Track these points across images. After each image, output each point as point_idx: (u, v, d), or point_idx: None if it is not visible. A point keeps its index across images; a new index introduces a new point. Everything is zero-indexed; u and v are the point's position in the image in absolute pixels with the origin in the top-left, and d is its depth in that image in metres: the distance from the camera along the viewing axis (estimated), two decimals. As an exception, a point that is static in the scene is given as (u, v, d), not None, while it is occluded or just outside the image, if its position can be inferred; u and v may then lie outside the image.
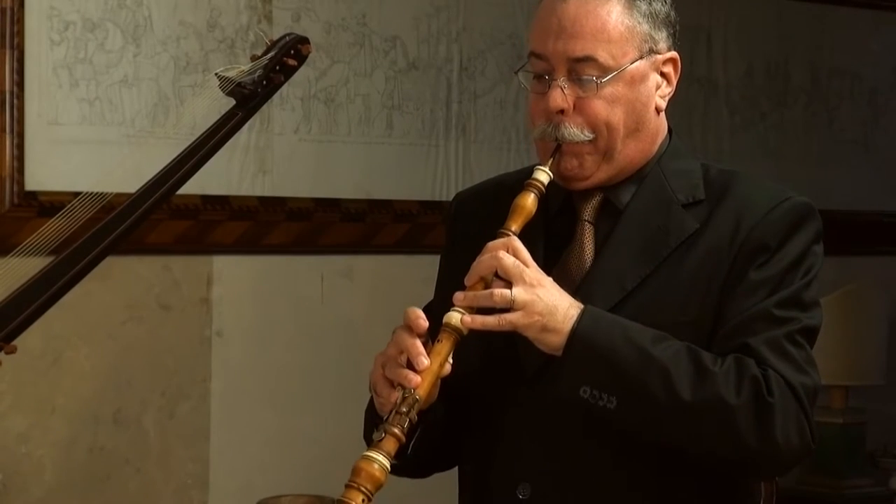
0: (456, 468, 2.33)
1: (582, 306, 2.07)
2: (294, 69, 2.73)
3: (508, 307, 2.05)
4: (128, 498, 3.71)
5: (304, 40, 2.74)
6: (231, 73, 2.71)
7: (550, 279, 2.08)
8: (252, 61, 2.74)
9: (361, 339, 3.97)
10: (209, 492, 3.82)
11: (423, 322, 2.06)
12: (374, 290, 4.06)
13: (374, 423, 2.15)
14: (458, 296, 2.07)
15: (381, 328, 3.92)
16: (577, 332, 2.05)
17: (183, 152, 2.70)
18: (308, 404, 3.96)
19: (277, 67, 2.71)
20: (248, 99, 2.69)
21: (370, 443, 2.17)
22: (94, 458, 3.66)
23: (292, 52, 2.72)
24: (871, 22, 5.03)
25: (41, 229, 2.65)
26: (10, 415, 3.56)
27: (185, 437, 3.78)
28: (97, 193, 2.68)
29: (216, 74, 2.71)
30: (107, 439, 3.68)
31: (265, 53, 2.72)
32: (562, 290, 2.08)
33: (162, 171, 2.69)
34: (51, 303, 2.65)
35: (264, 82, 2.70)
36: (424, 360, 2.04)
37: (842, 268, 4.70)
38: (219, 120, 2.75)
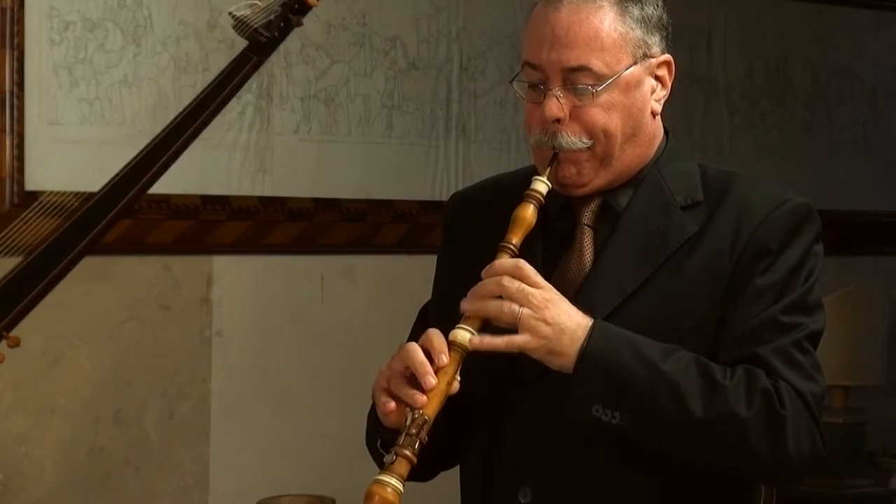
0: (457, 469, 2.32)
1: (591, 322, 2.06)
2: (311, 7, 2.59)
3: (515, 323, 2.04)
4: (128, 498, 3.70)
5: None
6: (246, 12, 2.57)
7: (559, 297, 2.07)
8: None
9: (361, 339, 3.97)
10: (209, 492, 3.82)
11: (446, 359, 2.03)
12: (374, 290, 4.06)
13: (375, 429, 2.15)
14: (466, 304, 2.06)
15: (381, 328, 3.96)
16: (588, 351, 2.04)
17: (198, 97, 2.60)
18: (308, 404, 3.96)
19: (296, 6, 2.58)
20: (264, 44, 2.57)
21: (373, 451, 2.17)
22: (94, 458, 3.66)
23: None
24: (871, 22, 5.03)
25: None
26: (10, 415, 3.56)
27: (185, 437, 3.78)
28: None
29: (230, 14, 2.59)
30: (107, 439, 3.68)
31: None
32: (571, 308, 2.07)
33: (179, 116, 2.60)
34: (62, 275, 2.58)
35: (282, 24, 2.57)
36: (432, 380, 2.02)
37: (842, 268, 4.70)
38: (232, 64, 2.63)
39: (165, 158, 2.58)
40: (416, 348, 2.04)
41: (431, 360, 2.04)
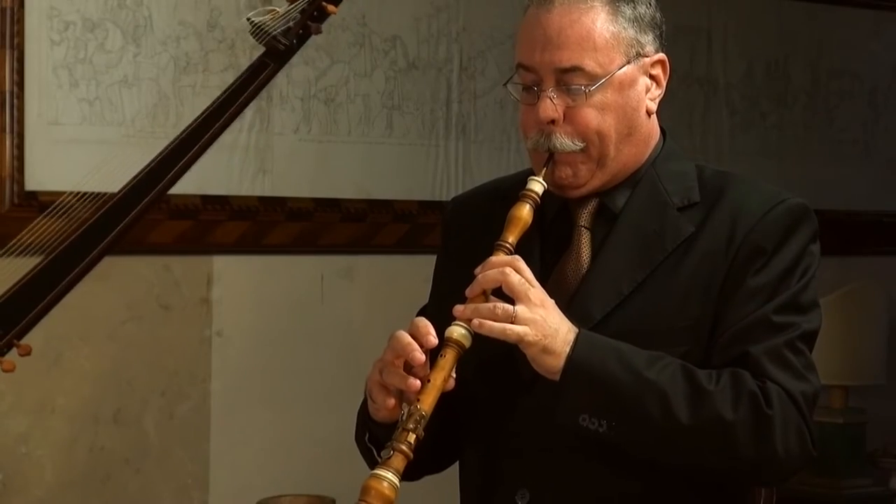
0: (453, 471, 2.32)
1: (577, 331, 2.07)
2: (329, 15, 2.57)
3: (510, 322, 2.04)
4: (128, 498, 3.71)
5: None
6: (264, 18, 2.55)
7: (552, 301, 2.08)
8: (288, 1, 2.59)
9: (361, 340, 3.97)
10: (209, 492, 3.82)
11: (434, 339, 2.04)
12: (374, 290, 4.06)
13: (365, 426, 2.16)
14: (459, 308, 2.06)
15: (381, 328, 3.92)
16: (574, 359, 2.04)
17: (214, 104, 2.59)
18: (308, 404, 3.96)
19: (315, 13, 2.56)
20: (282, 52, 2.55)
21: (360, 444, 2.17)
22: (94, 458, 3.66)
23: None
24: (871, 22, 5.03)
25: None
26: (10, 415, 3.56)
27: (185, 437, 3.78)
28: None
29: (248, 19, 2.56)
30: (107, 439, 3.68)
31: None
32: (562, 314, 2.07)
33: (194, 123, 2.59)
34: (72, 284, 2.57)
35: (300, 31, 2.55)
36: (420, 356, 2.02)
37: (842, 268, 4.70)
38: (249, 70, 2.61)
39: (180, 165, 2.57)
40: (402, 334, 2.06)
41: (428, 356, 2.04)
